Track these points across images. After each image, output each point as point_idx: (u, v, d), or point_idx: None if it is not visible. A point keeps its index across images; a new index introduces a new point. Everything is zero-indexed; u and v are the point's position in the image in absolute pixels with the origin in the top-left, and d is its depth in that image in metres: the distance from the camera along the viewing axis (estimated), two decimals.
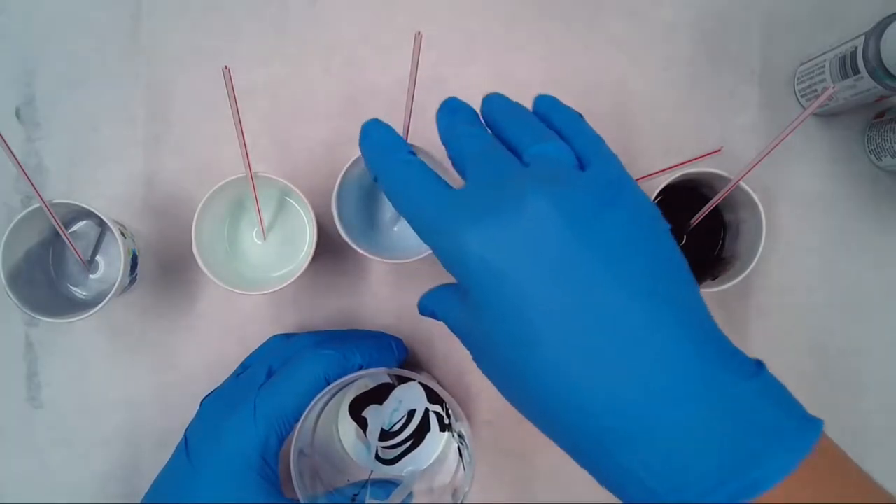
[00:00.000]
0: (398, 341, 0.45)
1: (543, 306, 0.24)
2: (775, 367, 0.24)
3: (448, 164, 0.31)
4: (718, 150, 0.26)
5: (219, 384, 0.44)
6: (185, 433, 0.41)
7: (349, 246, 0.42)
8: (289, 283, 0.42)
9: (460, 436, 0.43)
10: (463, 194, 0.27)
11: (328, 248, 0.48)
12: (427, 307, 0.32)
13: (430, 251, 0.43)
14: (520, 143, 0.29)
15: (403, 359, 0.45)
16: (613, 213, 0.25)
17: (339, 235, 0.42)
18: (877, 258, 0.49)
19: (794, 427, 0.23)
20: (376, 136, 0.31)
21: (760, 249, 0.42)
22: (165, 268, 0.49)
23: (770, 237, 0.43)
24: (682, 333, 0.24)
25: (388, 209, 0.46)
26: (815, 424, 0.23)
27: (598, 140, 0.30)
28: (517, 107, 0.32)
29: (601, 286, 0.24)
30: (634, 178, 0.28)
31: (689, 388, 0.23)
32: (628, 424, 0.23)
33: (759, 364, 0.25)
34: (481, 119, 0.32)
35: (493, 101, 0.32)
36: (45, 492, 0.49)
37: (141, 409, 0.49)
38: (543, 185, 0.25)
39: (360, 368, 0.41)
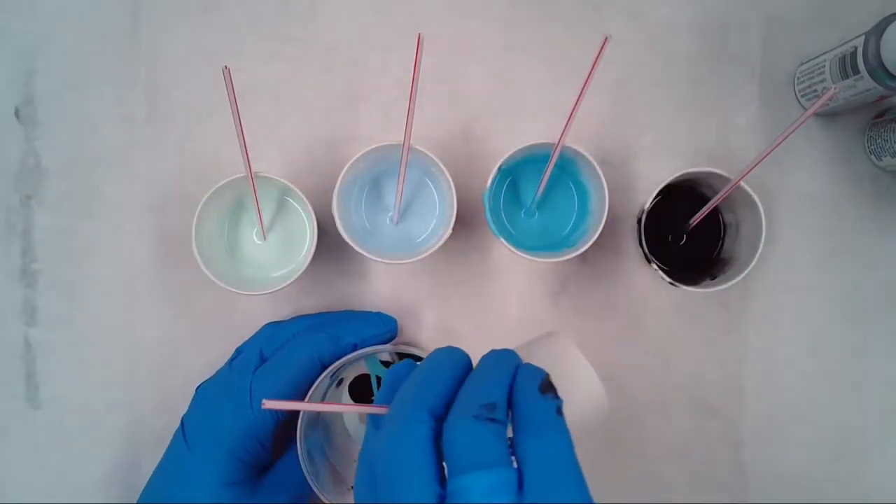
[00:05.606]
0: (387, 317, 0.47)
1: None
2: (775, 367, 0.24)
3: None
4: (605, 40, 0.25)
5: None
6: (181, 421, 0.42)
7: (349, 246, 0.42)
8: (289, 283, 0.43)
9: None
10: None
11: (328, 248, 0.48)
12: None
13: (430, 252, 0.43)
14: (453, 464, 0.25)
15: (394, 333, 0.47)
16: None
17: (339, 235, 0.42)
18: (877, 258, 0.49)
19: None
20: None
21: (760, 249, 0.42)
22: (165, 267, 0.49)
23: (770, 237, 0.43)
24: None
25: (388, 209, 0.46)
26: None
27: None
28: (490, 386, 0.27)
29: None
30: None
31: None
32: None
33: None
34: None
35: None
36: (45, 492, 0.49)
37: (141, 409, 0.49)
38: None
39: (355, 348, 0.43)
